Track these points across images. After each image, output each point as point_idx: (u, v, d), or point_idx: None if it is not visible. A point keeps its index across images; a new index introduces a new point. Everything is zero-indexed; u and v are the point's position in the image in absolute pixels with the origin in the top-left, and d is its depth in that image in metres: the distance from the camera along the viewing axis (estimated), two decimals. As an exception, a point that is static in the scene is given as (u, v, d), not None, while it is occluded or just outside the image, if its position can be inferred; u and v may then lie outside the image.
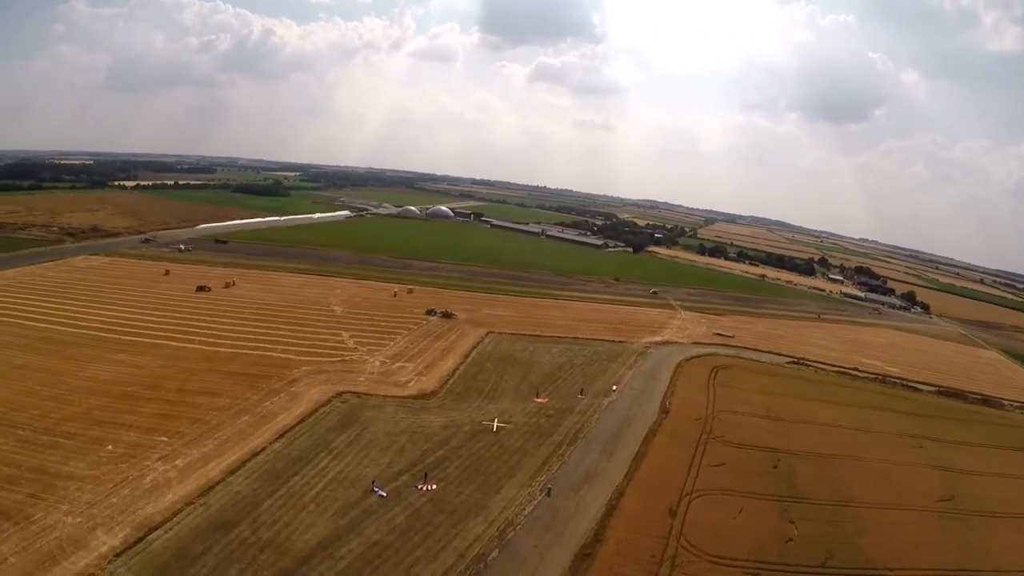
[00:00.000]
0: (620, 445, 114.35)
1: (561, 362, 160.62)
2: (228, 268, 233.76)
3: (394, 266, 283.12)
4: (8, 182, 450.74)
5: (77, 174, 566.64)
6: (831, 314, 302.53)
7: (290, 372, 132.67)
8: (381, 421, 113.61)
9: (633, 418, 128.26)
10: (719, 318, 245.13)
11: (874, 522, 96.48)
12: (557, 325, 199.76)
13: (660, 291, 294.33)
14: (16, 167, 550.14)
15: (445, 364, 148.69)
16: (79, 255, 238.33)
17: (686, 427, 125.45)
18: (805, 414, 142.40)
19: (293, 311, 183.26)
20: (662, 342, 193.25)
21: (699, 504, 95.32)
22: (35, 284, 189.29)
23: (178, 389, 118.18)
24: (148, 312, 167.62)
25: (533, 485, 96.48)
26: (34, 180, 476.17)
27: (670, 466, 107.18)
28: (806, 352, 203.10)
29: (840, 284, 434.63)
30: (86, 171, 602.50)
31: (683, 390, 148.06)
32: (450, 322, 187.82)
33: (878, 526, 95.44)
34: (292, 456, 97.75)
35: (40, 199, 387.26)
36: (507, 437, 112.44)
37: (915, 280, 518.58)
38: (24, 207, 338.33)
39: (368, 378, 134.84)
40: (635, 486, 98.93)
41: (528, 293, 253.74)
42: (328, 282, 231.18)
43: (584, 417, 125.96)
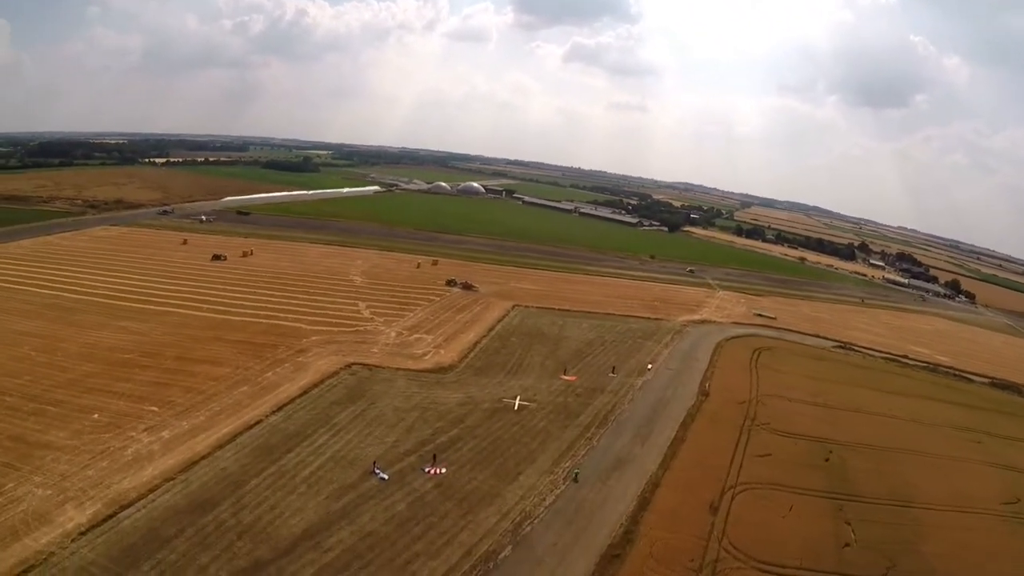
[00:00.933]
0: (655, 429, 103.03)
1: (592, 338, 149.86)
2: (248, 239, 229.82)
3: (420, 239, 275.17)
4: (40, 159, 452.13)
5: (109, 152, 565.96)
6: (875, 299, 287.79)
7: (299, 342, 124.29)
8: (391, 395, 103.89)
9: (670, 400, 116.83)
10: (759, 299, 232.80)
11: (937, 526, 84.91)
12: (588, 300, 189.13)
13: (697, 270, 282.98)
14: (49, 146, 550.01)
15: (466, 337, 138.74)
16: (99, 226, 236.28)
17: (728, 411, 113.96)
18: (856, 402, 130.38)
19: (310, 280, 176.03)
20: (700, 321, 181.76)
21: (744, 500, 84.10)
22: (50, 253, 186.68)
23: (178, 357, 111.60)
24: (160, 280, 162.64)
25: (556, 472, 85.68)
26: (66, 158, 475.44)
27: (711, 455, 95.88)
28: (851, 337, 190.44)
29: (882, 270, 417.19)
30: (118, 149, 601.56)
31: (724, 372, 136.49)
32: (474, 294, 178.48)
33: (941, 531, 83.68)
34: (289, 431, 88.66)
35: (68, 175, 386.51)
36: (529, 417, 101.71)
37: (957, 269, 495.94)
38: (52, 182, 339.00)
39: (382, 349, 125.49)
40: (671, 477, 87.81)
41: (559, 268, 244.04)
42: (350, 253, 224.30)
43: (616, 397, 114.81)
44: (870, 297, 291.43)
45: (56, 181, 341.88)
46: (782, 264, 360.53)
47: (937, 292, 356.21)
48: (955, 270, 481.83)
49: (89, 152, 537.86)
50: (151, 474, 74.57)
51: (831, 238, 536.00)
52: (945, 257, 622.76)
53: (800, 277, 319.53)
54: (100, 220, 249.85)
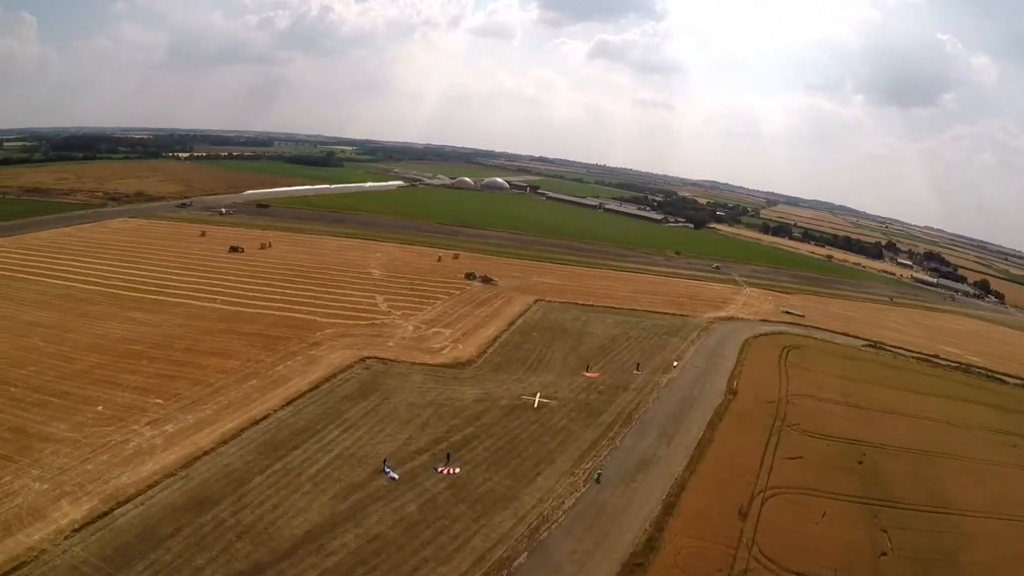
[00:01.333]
0: (681, 429, 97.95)
1: (616, 334, 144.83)
2: (267, 231, 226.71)
3: (442, 232, 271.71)
4: (64, 153, 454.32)
5: (132, 146, 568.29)
6: (904, 298, 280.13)
7: (313, 334, 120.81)
8: (405, 391, 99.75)
9: (696, 399, 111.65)
10: (787, 296, 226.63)
11: (975, 534, 79.59)
12: (612, 296, 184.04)
13: (723, 267, 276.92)
14: (73, 139, 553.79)
15: (486, 331, 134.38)
16: (118, 218, 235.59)
17: (757, 411, 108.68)
18: (889, 403, 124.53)
19: (327, 273, 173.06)
20: (726, 318, 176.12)
21: (775, 505, 79.10)
22: (67, 244, 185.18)
23: (187, 349, 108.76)
24: (175, 271, 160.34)
25: (576, 474, 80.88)
26: (90, 152, 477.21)
27: (739, 456, 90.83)
28: (882, 336, 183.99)
29: (910, 269, 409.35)
30: (141, 144, 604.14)
31: (752, 370, 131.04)
32: (494, 288, 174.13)
33: (980, 539, 78.28)
34: (297, 426, 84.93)
35: (91, 168, 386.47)
36: (550, 415, 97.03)
37: (985, 269, 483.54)
38: (74, 175, 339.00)
39: (398, 343, 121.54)
40: (698, 479, 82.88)
41: (582, 263, 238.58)
42: (370, 246, 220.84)
43: (640, 395, 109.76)
44: (899, 296, 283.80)
45: (78, 174, 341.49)
46: (809, 262, 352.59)
47: (966, 292, 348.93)
48: (983, 270, 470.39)
49: (113, 146, 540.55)
50: (151, 469, 71.24)
51: (858, 237, 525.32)
52: (973, 257, 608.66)
53: (828, 275, 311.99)
54: (119, 212, 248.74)
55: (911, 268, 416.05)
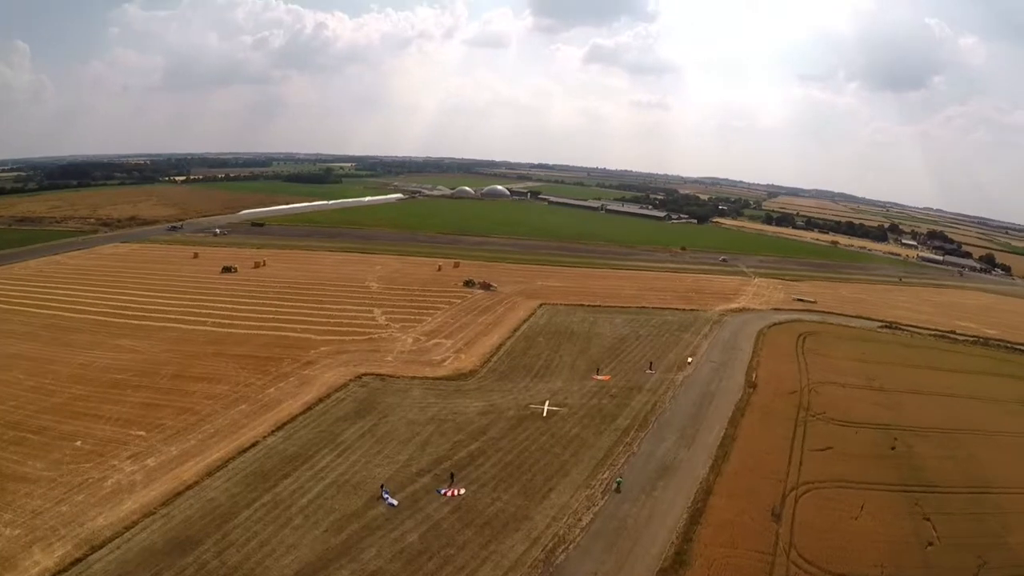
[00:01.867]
0: (702, 429, 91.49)
1: (625, 333, 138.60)
2: (261, 249, 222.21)
3: (442, 242, 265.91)
4: (59, 182, 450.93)
5: (129, 172, 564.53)
6: (913, 277, 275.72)
7: (306, 353, 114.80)
8: (404, 408, 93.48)
9: (714, 395, 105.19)
10: (796, 283, 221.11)
11: (1021, 512, 74.44)
12: (619, 295, 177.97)
13: (730, 259, 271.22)
14: (69, 168, 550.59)
15: (489, 340, 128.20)
16: (109, 244, 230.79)
17: (779, 403, 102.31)
18: (912, 383, 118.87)
19: (323, 289, 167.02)
20: (738, 309, 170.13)
21: (809, 502, 72.83)
22: (55, 272, 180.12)
23: (174, 375, 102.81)
24: (165, 295, 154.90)
25: (592, 486, 74.46)
26: (85, 179, 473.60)
27: (766, 453, 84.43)
28: (896, 316, 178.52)
29: (915, 249, 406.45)
30: (138, 169, 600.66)
31: (769, 360, 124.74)
32: (497, 295, 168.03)
33: (1025, 518, 72.48)
34: (288, 453, 78.80)
35: (86, 195, 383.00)
36: (560, 424, 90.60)
37: (988, 244, 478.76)
38: (67, 203, 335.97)
39: (396, 358, 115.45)
40: (725, 482, 76.47)
41: (586, 264, 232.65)
42: (368, 259, 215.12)
43: (655, 395, 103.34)
44: (907, 275, 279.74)
45: (71, 202, 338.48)
46: (815, 248, 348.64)
47: (973, 267, 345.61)
48: (987, 245, 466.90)
49: (109, 173, 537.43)
50: (129, 508, 65.29)
51: (861, 221, 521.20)
52: (975, 233, 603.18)
53: (835, 260, 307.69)
54: (111, 238, 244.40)
55: (915, 248, 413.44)
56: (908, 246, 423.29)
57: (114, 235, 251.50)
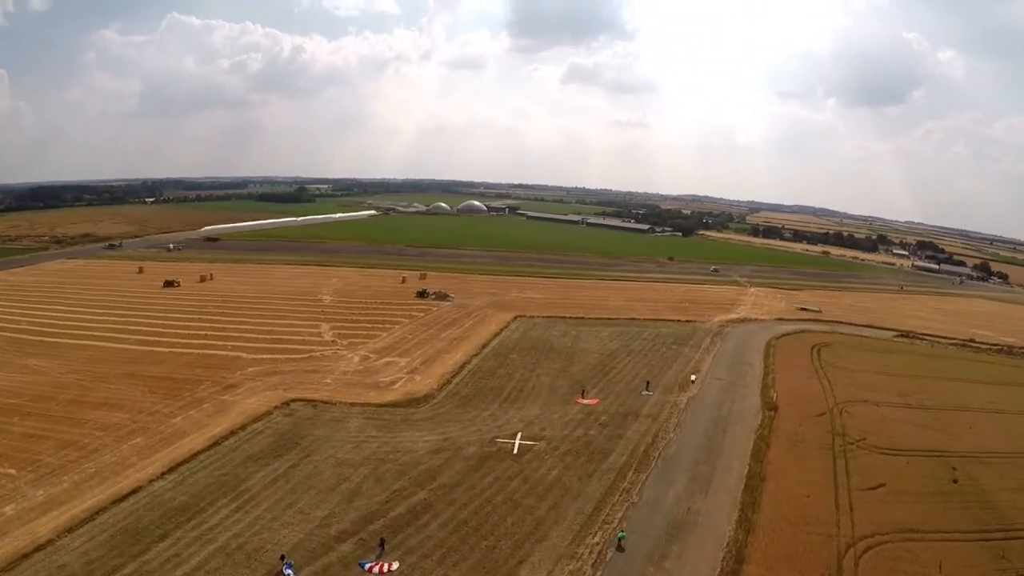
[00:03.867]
0: (719, 466, 71.61)
1: (614, 348, 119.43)
2: (213, 264, 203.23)
3: (410, 255, 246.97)
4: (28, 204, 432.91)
5: (99, 194, 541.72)
6: (913, 286, 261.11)
7: (231, 375, 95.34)
8: (336, 443, 73.17)
9: (728, 420, 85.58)
10: (796, 293, 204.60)
11: None
12: (605, 306, 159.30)
13: (722, 269, 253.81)
14: (38, 190, 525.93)
15: (451, 358, 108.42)
16: (56, 260, 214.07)
17: (808, 429, 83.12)
18: (951, 398, 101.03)
19: (269, 303, 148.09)
20: (739, 320, 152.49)
21: (873, 564, 53.54)
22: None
23: (73, 401, 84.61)
24: (94, 311, 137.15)
25: (580, 555, 53.83)
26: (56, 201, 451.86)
27: (805, 496, 64.91)
28: (909, 325, 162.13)
29: (907, 259, 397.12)
30: (108, 191, 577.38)
31: (786, 376, 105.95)
32: (466, 307, 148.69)
33: None
34: (174, 504, 58.92)
35: (50, 215, 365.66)
36: (536, 464, 70.46)
37: (977, 254, 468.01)
38: (28, 223, 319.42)
39: (337, 380, 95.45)
40: (760, 542, 56.51)
41: (567, 275, 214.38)
42: (326, 272, 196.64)
43: (656, 423, 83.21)
44: (908, 284, 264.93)
45: (32, 222, 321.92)
46: (807, 259, 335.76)
47: (970, 275, 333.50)
48: (975, 255, 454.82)
49: (78, 195, 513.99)
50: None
51: (850, 232, 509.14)
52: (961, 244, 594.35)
53: (830, 270, 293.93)
54: (59, 255, 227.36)
55: (907, 258, 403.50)
56: (900, 256, 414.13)
57: (64, 252, 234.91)
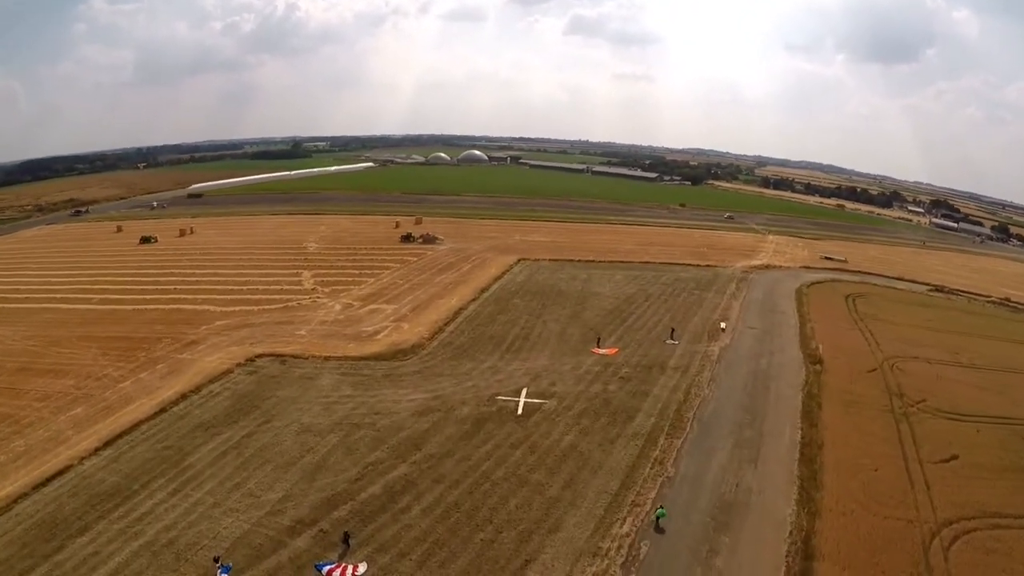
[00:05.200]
0: (766, 431, 59.35)
1: (630, 293, 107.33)
2: (196, 219, 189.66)
3: (406, 201, 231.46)
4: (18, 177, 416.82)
5: (92, 162, 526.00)
6: (934, 242, 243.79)
7: (195, 330, 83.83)
8: (302, 405, 61.43)
9: (769, 375, 73.44)
10: (817, 242, 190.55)
11: None
12: (617, 250, 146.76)
13: (736, 217, 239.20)
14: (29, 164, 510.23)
15: (446, 303, 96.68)
16: (35, 227, 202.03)
17: (861, 388, 71.01)
18: (1001, 358, 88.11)
19: (250, 253, 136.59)
20: (762, 266, 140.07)
21: (964, 557, 42.11)
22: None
23: (20, 369, 73.89)
24: (63, 272, 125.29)
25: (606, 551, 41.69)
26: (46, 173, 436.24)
27: (872, 470, 53.04)
28: (939, 280, 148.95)
29: (923, 216, 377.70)
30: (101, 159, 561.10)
31: (824, 327, 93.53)
32: (464, 251, 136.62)
33: None
34: (103, 487, 47.90)
35: (37, 187, 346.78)
36: (546, 427, 58.51)
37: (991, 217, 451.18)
38: (14, 195, 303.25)
39: (313, 331, 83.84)
40: (829, 529, 44.57)
41: (576, 219, 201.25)
42: (316, 220, 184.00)
43: (686, 377, 70.92)
44: (930, 241, 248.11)
45: (18, 194, 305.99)
46: (823, 211, 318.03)
47: (989, 236, 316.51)
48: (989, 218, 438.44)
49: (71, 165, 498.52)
50: None
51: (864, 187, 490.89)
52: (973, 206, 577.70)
53: (847, 222, 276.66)
54: (39, 222, 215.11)
55: (923, 215, 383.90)
56: (915, 213, 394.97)
57: (45, 219, 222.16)
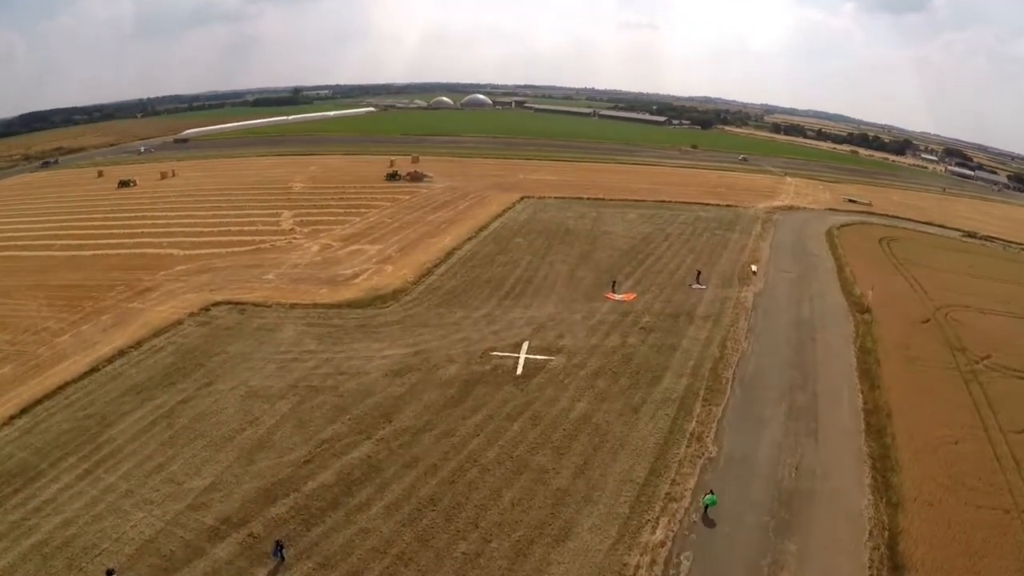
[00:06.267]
0: (823, 394, 48.65)
1: (647, 232, 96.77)
2: (182, 162, 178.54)
3: (404, 142, 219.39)
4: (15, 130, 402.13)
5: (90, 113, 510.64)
6: (954, 189, 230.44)
7: (153, 276, 74.27)
8: (255, 363, 51.49)
9: (814, 325, 62.82)
10: (837, 185, 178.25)
11: None
12: (629, 188, 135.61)
13: (750, 159, 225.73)
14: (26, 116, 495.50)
15: (438, 243, 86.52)
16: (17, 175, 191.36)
17: (918, 340, 60.61)
18: None
19: (231, 194, 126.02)
20: (785, 207, 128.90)
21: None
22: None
23: None
24: (31, 219, 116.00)
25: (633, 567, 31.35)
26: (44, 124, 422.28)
27: (952, 444, 42.85)
28: (967, 226, 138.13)
29: (937, 164, 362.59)
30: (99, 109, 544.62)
31: (863, 271, 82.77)
32: (462, 189, 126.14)
33: None
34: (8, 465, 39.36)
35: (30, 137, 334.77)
36: (552, 391, 47.97)
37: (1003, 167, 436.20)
38: (6, 145, 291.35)
39: (283, 275, 73.80)
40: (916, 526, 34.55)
41: (583, 159, 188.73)
42: (306, 160, 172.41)
43: (719, 328, 60.14)
44: (949, 187, 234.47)
45: (10, 145, 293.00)
46: (838, 156, 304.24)
47: (1006, 184, 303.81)
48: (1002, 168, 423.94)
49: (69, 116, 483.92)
50: None
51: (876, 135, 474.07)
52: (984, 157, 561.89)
53: (864, 167, 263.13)
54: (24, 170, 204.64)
55: (937, 163, 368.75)
56: (929, 160, 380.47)
57: (29, 167, 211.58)
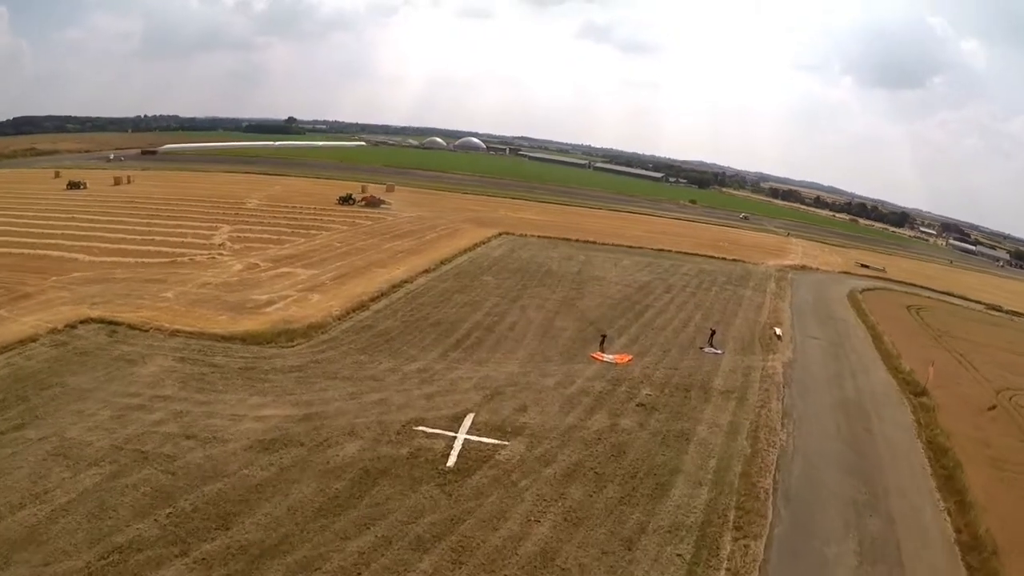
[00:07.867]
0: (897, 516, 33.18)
1: (645, 280, 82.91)
2: (146, 172, 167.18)
3: (385, 172, 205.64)
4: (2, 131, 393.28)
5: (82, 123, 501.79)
6: (959, 263, 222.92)
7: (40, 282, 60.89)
8: (89, 405, 35.28)
9: (865, 410, 48.02)
10: (844, 249, 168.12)
11: None
12: (623, 235, 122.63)
13: (752, 218, 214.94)
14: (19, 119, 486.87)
15: (385, 274, 72.12)
16: None
17: (993, 435, 46.92)
18: None
19: (176, 205, 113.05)
20: (797, 266, 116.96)
21: None
22: None
23: None
24: None
25: None
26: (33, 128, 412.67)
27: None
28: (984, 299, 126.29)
29: (936, 237, 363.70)
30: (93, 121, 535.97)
31: (904, 344, 69.17)
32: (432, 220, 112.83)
33: None
34: None
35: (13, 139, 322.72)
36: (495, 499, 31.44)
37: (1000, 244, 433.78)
38: None
39: (185, 293, 58.99)
40: None
41: (574, 204, 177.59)
42: (273, 180, 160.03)
43: (743, 410, 43.69)
44: (956, 260, 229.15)
45: None
46: (837, 223, 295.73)
47: (1008, 261, 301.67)
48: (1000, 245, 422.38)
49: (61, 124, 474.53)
50: None
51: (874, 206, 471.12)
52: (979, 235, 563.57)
53: (866, 235, 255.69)
54: None
55: (936, 237, 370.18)
56: (928, 234, 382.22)
57: None
